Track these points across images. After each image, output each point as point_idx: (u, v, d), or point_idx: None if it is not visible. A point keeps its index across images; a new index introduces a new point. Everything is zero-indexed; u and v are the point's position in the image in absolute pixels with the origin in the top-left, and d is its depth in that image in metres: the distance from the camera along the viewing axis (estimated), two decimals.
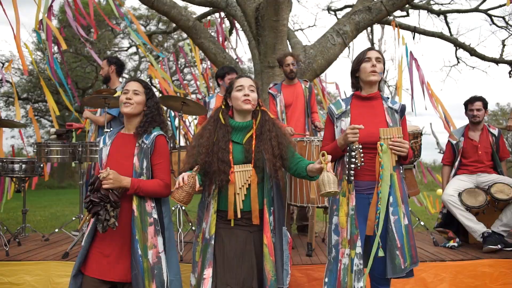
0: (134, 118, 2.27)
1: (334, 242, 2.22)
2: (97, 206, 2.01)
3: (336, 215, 2.24)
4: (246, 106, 2.18)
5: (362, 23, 5.86)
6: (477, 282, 3.17)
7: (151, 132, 2.24)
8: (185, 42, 11.24)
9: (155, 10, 6.14)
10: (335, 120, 2.34)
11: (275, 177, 2.18)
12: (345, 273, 2.15)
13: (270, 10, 5.00)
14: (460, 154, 3.83)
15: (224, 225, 2.17)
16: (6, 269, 3.16)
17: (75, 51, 14.96)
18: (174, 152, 3.65)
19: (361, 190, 2.25)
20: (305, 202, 3.39)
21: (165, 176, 2.21)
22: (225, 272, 2.08)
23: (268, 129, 2.20)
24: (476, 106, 3.79)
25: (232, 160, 2.14)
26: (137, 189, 2.09)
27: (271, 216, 2.16)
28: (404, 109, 2.36)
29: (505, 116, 24.06)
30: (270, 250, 2.10)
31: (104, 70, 4.34)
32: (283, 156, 2.18)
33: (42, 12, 5.49)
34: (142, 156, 2.19)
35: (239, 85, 2.21)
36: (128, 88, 2.26)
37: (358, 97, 2.38)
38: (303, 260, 3.26)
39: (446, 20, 9.19)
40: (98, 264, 2.14)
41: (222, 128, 2.20)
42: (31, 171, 3.96)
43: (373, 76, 2.29)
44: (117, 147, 2.22)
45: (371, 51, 2.35)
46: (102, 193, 2.02)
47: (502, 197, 3.51)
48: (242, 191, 2.13)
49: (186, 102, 3.73)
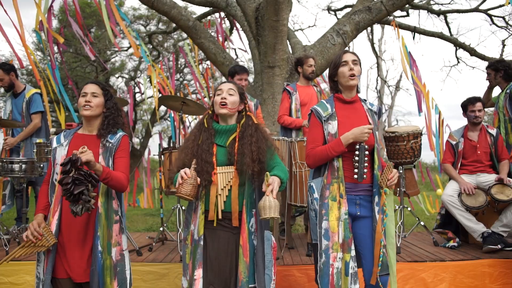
0: (94, 120, 2.29)
1: (324, 247, 2.18)
2: (81, 185, 1.90)
3: (326, 219, 2.21)
4: (221, 110, 2.23)
5: (362, 23, 5.86)
6: (477, 282, 3.18)
7: (116, 133, 2.28)
8: (185, 42, 11.24)
9: (155, 10, 6.13)
10: (324, 123, 2.32)
11: (257, 180, 2.20)
12: (338, 277, 2.14)
13: (270, 10, 5.01)
14: (460, 155, 3.83)
15: (208, 226, 2.20)
16: (6, 269, 3.16)
17: (75, 51, 14.95)
18: (174, 152, 3.65)
19: (349, 191, 2.28)
20: (305, 202, 3.39)
21: (125, 170, 2.23)
22: (208, 272, 2.12)
23: (250, 133, 2.23)
24: (477, 107, 3.79)
25: (216, 162, 2.19)
26: (107, 175, 2.08)
27: (253, 218, 2.18)
28: (381, 110, 2.42)
29: None
30: (244, 251, 2.12)
31: (5, 80, 4.32)
32: (261, 159, 2.19)
33: (43, 11, 5.50)
34: (108, 155, 2.22)
35: (219, 89, 2.28)
36: (86, 90, 2.28)
37: (340, 100, 2.38)
38: (303, 260, 3.26)
39: (446, 20, 9.18)
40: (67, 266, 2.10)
41: (205, 132, 2.26)
42: (31, 171, 3.96)
43: (352, 80, 2.29)
44: (77, 147, 2.14)
45: (346, 54, 2.34)
46: (85, 170, 1.95)
47: (502, 198, 3.51)
48: (224, 192, 2.17)
49: (186, 102, 3.73)
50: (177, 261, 3.24)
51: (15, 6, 5.13)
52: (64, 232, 2.12)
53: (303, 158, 3.36)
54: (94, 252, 2.09)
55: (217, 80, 10.55)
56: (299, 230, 5.23)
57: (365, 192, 2.29)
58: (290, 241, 3.71)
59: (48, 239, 2.02)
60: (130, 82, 18.27)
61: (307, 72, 4.23)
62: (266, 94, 5.39)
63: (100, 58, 13.75)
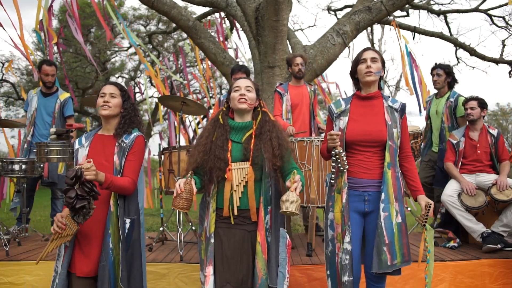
0: (112, 120, 2.35)
1: (330, 237, 2.31)
2: (83, 200, 2.03)
3: (331, 211, 2.31)
4: (241, 105, 2.22)
5: (362, 23, 5.86)
6: (477, 282, 3.18)
7: (131, 132, 2.33)
8: (185, 42, 11.24)
9: (155, 10, 6.14)
10: (334, 119, 2.40)
11: (274, 177, 2.20)
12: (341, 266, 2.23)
13: (270, 10, 5.01)
14: (461, 154, 3.84)
15: (223, 224, 2.19)
16: (6, 269, 3.16)
17: (75, 51, 14.95)
18: (174, 152, 3.65)
19: (356, 187, 2.29)
20: (305, 202, 3.39)
21: (133, 174, 2.27)
22: (224, 270, 2.11)
23: (268, 129, 2.23)
24: (469, 105, 3.82)
25: (231, 158, 2.18)
26: (110, 184, 2.14)
27: (268, 215, 2.18)
28: (405, 108, 2.38)
29: (505, 116, 24.08)
30: (263, 248, 2.12)
31: (54, 76, 4.43)
32: (283, 157, 2.20)
33: (43, 8, 5.50)
34: (121, 155, 2.27)
35: (236, 86, 2.27)
36: (104, 91, 2.34)
37: (358, 97, 2.41)
38: (303, 260, 3.26)
39: (446, 20, 9.19)
40: (82, 262, 2.19)
41: (220, 128, 2.25)
42: (31, 171, 3.96)
43: (368, 77, 2.31)
44: (96, 148, 2.28)
45: (366, 52, 2.38)
46: (89, 186, 2.05)
47: (502, 198, 3.51)
48: (239, 188, 2.16)
49: (186, 102, 3.73)
50: (177, 261, 3.24)
51: (15, 6, 5.13)
52: (81, 228, 2.19)
53: (303, 158, 3.37)
54: (104, 249, 2.16)
55: (217, 80, 10.55)
56: (299, 230, 5.23)
57: (374, 188, 2.28)
58: (290, 241, 3.71)
59: (71, 227, 2.10)
60: (130, 82, 18.28)
61: (294, 71, 4.21)
62: (266, 94, 5.39)
63: (100, 59, 13.76)
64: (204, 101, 11.36)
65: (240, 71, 4.16)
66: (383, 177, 2.25)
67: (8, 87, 16.14)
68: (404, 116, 2.37)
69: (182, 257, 3.26)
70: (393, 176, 2.26)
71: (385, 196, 2.23)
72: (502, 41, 9.18)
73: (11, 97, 16.68)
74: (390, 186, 2.24)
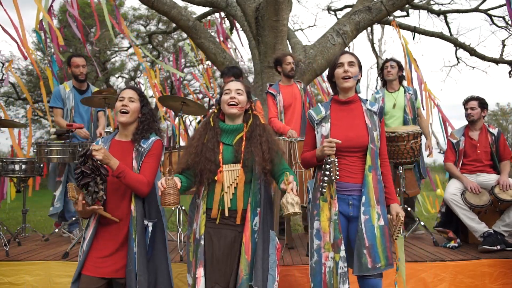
0: (129, 126, 2.35)
1: (316, 246, 2.24)
2: (87, 177, 2.05)
3: (317, 220, 2.25)
4: (230, 110, 2.24)
5: (362, 23, 5.86)
6: (477, 282, 3.18)
7: (148, 138, 2.33)
8: (185, 42, 11.24)
9: (155, 10, 6.14)
10: (316, 126, 2.36)
11: (264, 179, 2.21)
12: (330, 275, 2.18)
13: (270, 10, 5.01)
14: (461, 154, 3.83)
15: (213, 225, 2.21)
16: (6, 269, 3.16)
17: (75, 51, 14.96)
18: (174, 152, 3.65)
19: (341, 190, 2.27)
20: (305, 202, 3.39)
21: (149, 175, 2.27)
22: (214, 271, 2.13)
23: (258, 133, 2.24)
24: (470, 105, 3.82)
25: (222, 160, 2.19)
26: (121, 173, 2.14)
27: (257, 216, 2.19)
28: (382, 111, 2.39)
29: (505, 116, 24.06)
30: (246, 249, 2.12)
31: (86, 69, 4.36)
32: (273, 160, 2.21)
33: (43, 9, 5.50)
34: (139, 159, 2.28)
35: (227, 89, 2.28)
36: (123, 95, 2.33)
37: (337, 102, 2.39)
38: (303, 260, 3.26)
39: (446, 20, 9.20)
40: (95, 262, 2.20)
41: (211, 130, 2.26)
42: (31, 171, 3.96)
43: (346, 82, 2.30)
44: (114, 154, 2.25)
45: (343, 56, 2.35)
46: (94, 164, 2.07)
47: (506, 197, 3.50)
48: (230, 190, 2.18)
49: (186, 102, 3.73)
50: (177, 261, 3.24)
51: (15, 6, 5.13)
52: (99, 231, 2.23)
53: None
54: (130, 254, 2.18)
55: (217, 80, 10.55)
56: (299, 230, 5.23)
57: (357, 193, 2.27)
58: (290, 241, 3.71)
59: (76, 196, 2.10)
60: (130, 82, 18.27)
61: (286, 70, 4.18)
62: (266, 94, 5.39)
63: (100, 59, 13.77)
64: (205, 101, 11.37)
65: (227, 75, 4.05)
66: (363, 180, 2.24)
67: (8, 87, 16.13)
68: (382, 119, 2.38)
69: (182, 257, 3.26)
70: (374, 179, 2.25)
71: (366, 199, 2.22)
72: (502, 41, 9.19)
73: (11, 97, 16.66)
74: (371, 189, 2.23)
